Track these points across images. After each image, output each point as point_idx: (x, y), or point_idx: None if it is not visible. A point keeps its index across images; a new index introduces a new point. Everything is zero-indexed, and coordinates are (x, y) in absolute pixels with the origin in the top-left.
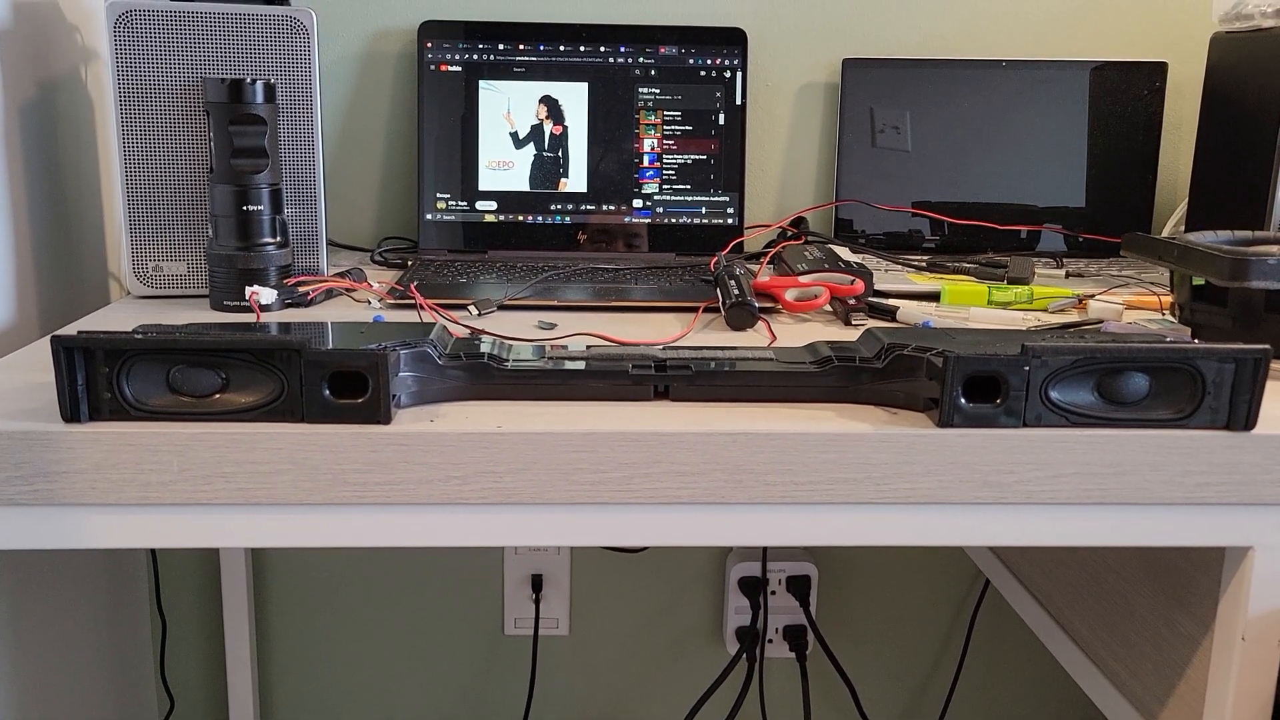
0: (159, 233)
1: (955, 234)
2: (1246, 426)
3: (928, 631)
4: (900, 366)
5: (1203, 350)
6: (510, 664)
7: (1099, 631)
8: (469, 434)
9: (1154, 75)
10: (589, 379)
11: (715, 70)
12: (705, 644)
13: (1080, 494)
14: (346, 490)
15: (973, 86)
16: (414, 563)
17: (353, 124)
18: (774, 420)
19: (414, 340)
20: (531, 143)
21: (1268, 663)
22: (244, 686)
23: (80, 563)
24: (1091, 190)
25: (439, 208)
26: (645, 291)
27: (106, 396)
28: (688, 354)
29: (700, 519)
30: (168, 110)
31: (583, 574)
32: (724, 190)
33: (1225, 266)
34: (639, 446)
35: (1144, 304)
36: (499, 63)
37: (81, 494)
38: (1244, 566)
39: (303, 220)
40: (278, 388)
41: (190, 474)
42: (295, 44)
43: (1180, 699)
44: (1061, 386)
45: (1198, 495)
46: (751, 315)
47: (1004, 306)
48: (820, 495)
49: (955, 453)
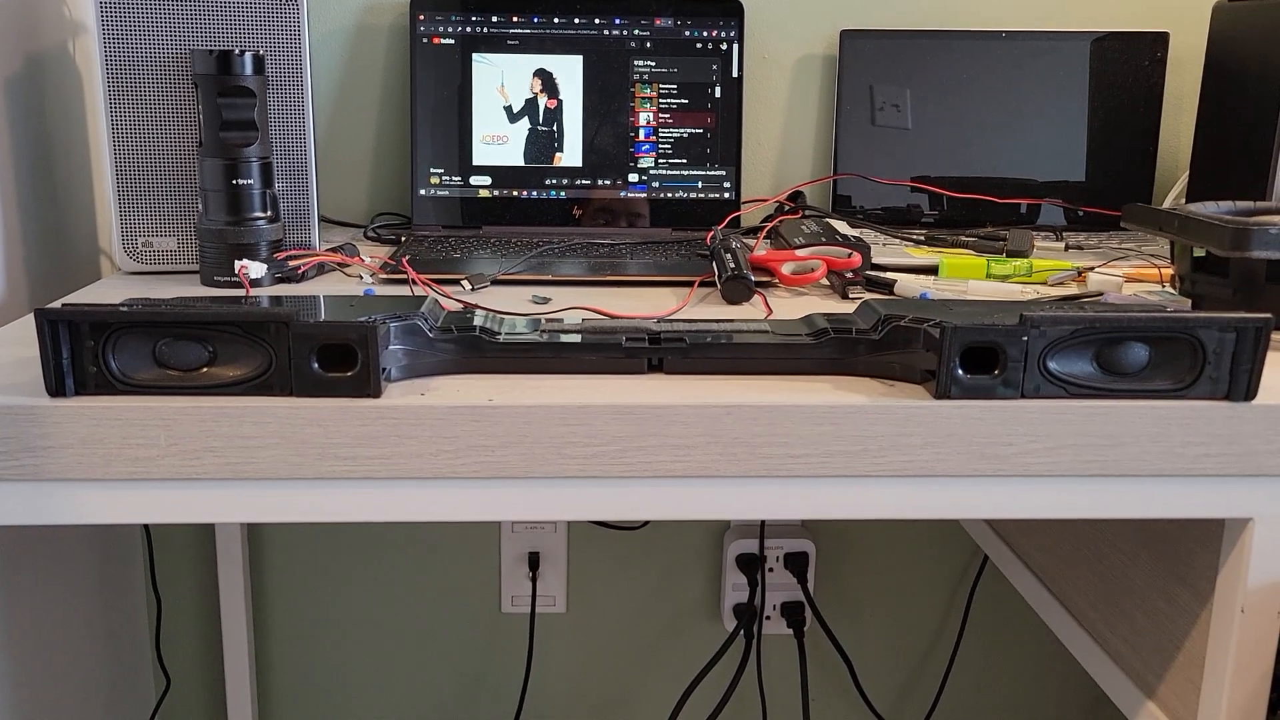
0: (148, 208)
1: (954, 208)
2: (1247, 397)
3: (925, 607)
4: (897, 338)
5: (1203, 319)
6: (508, 642)
7: (1097, 605)
8: (460, 407)
9: (1155, 46)
10: (582, 352)
11: (712, 42)
12: (703, 621)
13: (1079, 466)
14: (336, 465)
15: (972, 58)
16: (411, 540)
17: (345, 98)
18: (769, 393)
19: (405, 313)
20: (526, 116)
21: (1267, 635)
22: (241, 665)
23: (73, 541)
24: (1092, 163)
25: (432, 183)
26: (641, 266)
27: (92, 370)
28: (683, 327)
29: (695, 493)
30: (157, 83)
31: (580, 552)
32: (720, 164)
33: (1226, 236)
34: (632, 420)
35: (1144, 276)
36: (492, 35)
37: (68, 469)
38: (1243, 538)
39: (294, 195)
40: (266, 361)
41: (178, 449)
42: (285, 15)
43: (1179, 672)
44: (1060, 357)
45: (1197, 466)
46: (747, 289)
47: (1003, 279)
48: (816, 468)
49: (952, 425)
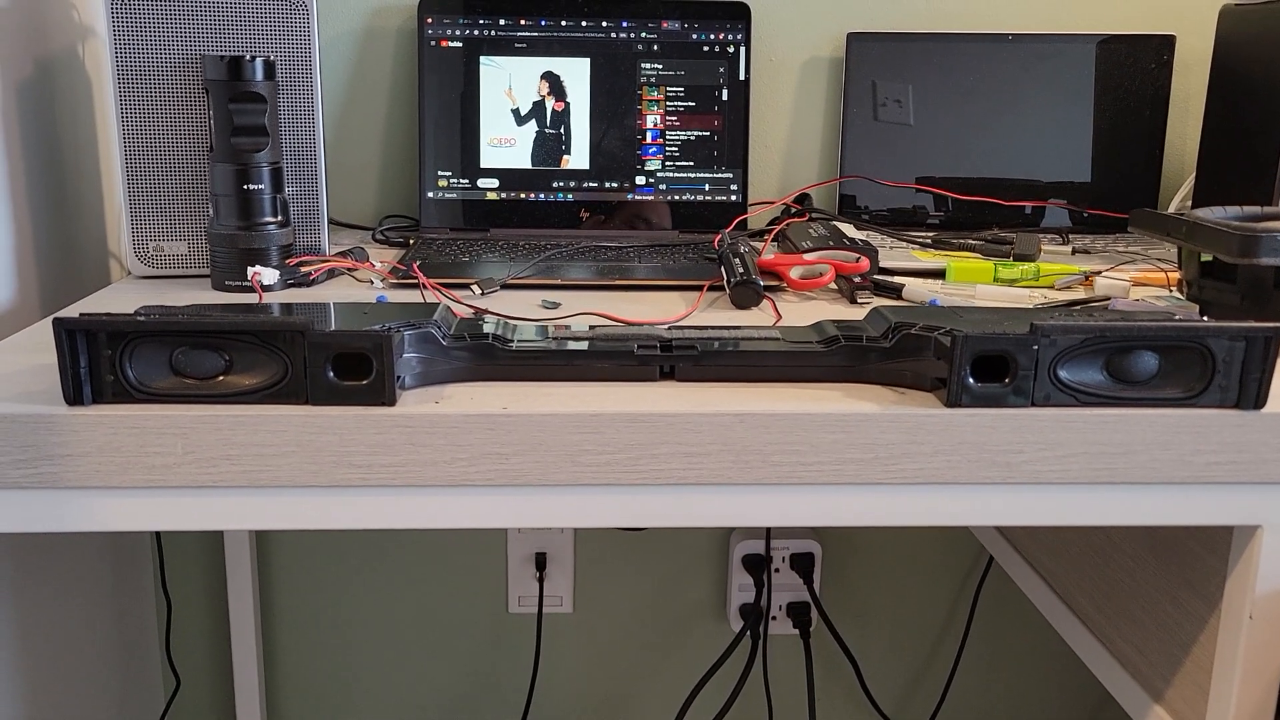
0: (159, 212)
1: (960, 210)
2: (1256, 405)
3: (931, 608)
4: (908, 346)
5: (1213, 329)
6: (514, 642)
7: (1105, 609)
8: (474, 415)
9: (1162, 48)
10: (594, 360)
11: (719, 45)
12: (709, 621)
13: (1089, 474)
14: (351, 472)
15: (978, 61)
16: (418, 542)
17: (353, 101)
18: (780, 400)
19: (418, 321)
20: (533, 119)
21: (1275, 641)
22: (249, 666)
23: (85, 545)
24: (1098, 165)
25: (440, 185)
26: (649, 270)
27: (109, 379)
28: (693, 334)
29: (707, 500)
30: (167, 88)
31: (586, 552)
32: (727, 167)
33: (1234, 243)
34: (645, 427)
35: (1151, 280)
36: (500, 38)
37: (85, 477)
38: (1252, 545)
39: (304, 199)
40: (281, 369)
41: (194, 456)
42: (295, 19)
43: (1186, 676)
44: (1070, 366)
45: (1207, 474)
46: (756, 294)
47: (1010, 284)
48: (827, 476)
49: (963, 432)
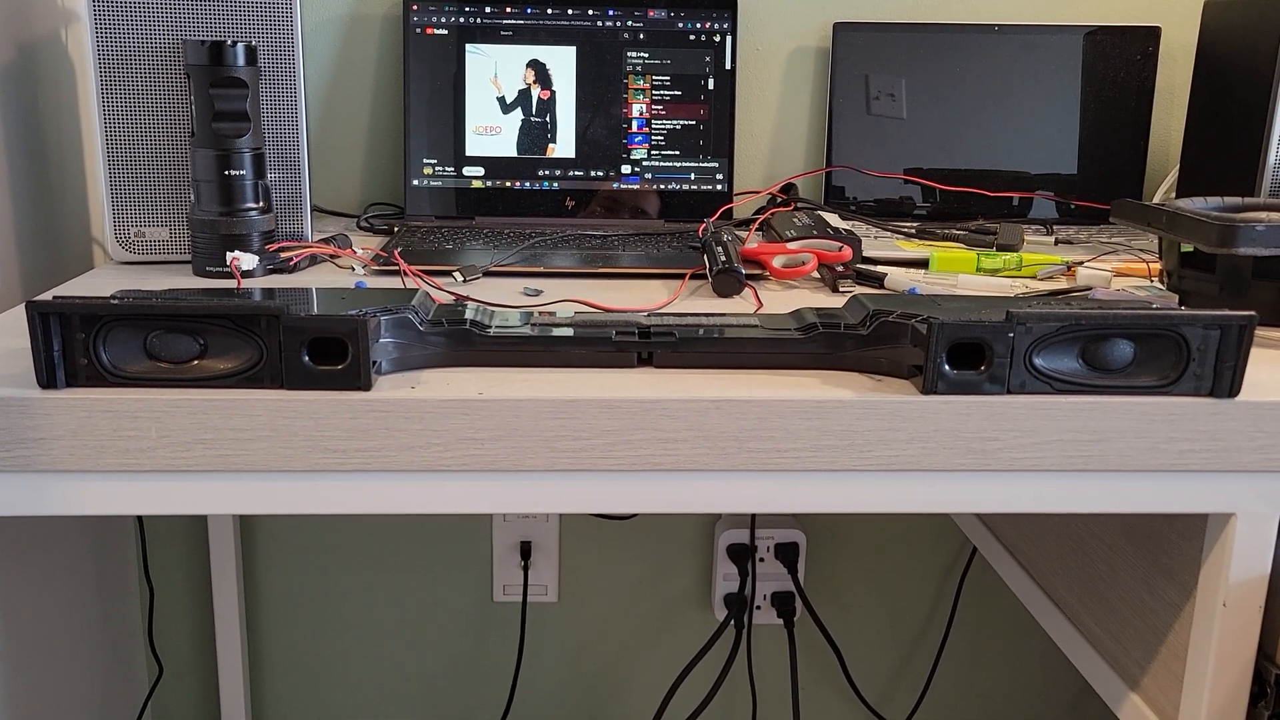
0: (141, 198)
1: (947, 201)
2: (1231, 393)
3: (915, 598)
4: (885, 333)
5: (1188, 316)
6: (499, 631)
7: (1083, 598)
8: (450, 400)
9: (1147, 40)
10: (572, 346)
11: (705, 34)
12: (693, 611)
13: (1064, 461)
14: (326, 457)
15: (965, 51)
16: (403, 530)
17: (338, 87)
18: (757, 387)
19: (395, 306)
20: (519, 108)
21: (1248, 628)
22: (233, 653)
23: (65, 530)
24: (1083, 156)
25: (426, 173)
26: (632, 258)
27: (83, 363)
28: (672, 321)
29: (684, 486)
30: (149, 73)
31: (572, 541)
32: (713, 156)
33: (1213, 232)
34: (622, 413)
35: (1133, 271)
36: (486, 26)
37: (59, 461)
38: (1226, 533)
39: (286, 185)
40: (257, 354)
41: (169, 440)
42: (279, 4)
43: (1162, 663)
44: (1046, 353)
45: (1181, 462)
46: (738, 282)
47: (992, 273)
48: (804, 462)
49: (939, 420)
